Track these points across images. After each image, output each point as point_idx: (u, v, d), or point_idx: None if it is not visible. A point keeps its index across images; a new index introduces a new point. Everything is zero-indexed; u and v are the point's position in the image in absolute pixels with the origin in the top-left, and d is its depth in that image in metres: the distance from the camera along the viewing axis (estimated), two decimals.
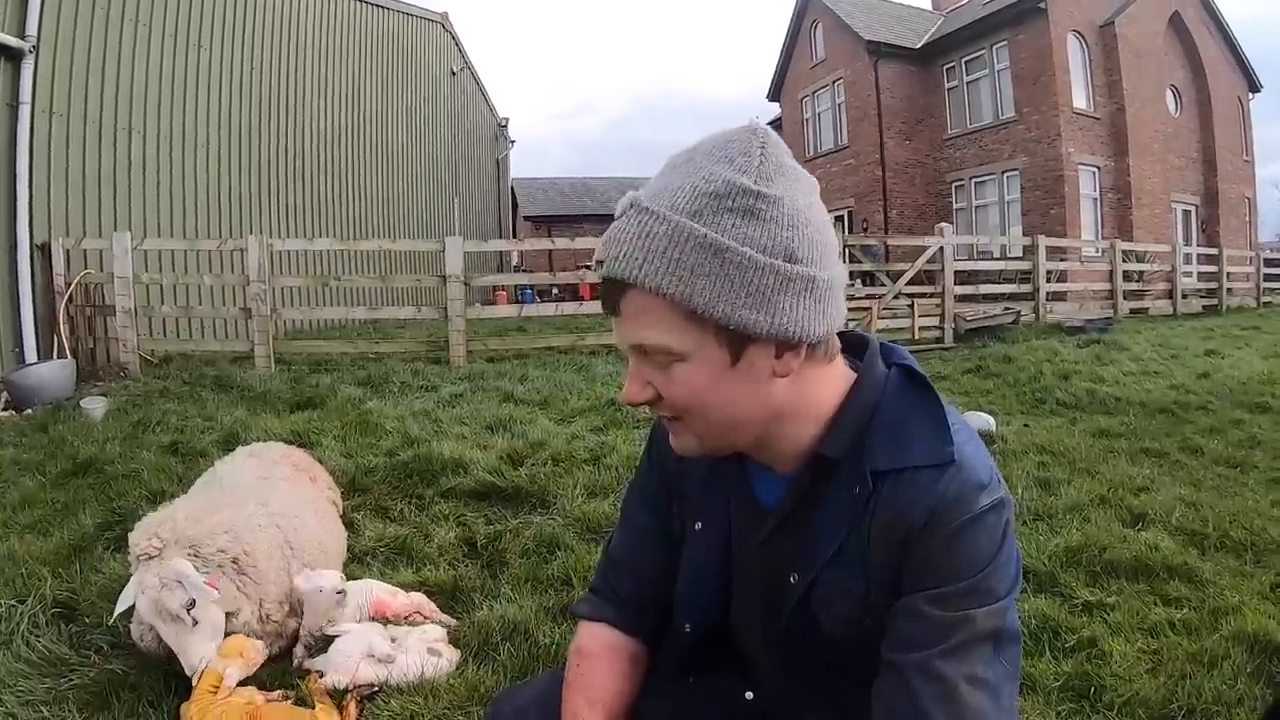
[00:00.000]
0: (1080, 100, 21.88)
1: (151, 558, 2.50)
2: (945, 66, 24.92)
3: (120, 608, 2.51)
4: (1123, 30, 22.06)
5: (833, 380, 1.11)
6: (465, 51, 24.16)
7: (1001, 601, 1.03)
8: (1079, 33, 21.94)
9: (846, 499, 1.09)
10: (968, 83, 24.27)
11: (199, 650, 2.41)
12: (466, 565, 3.59)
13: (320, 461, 4.30)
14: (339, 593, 2.77)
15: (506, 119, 28.80)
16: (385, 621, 2.90)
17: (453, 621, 3.03)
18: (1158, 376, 8.76)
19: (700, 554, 1.26)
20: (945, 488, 1.03)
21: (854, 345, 1.18)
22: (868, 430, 1.09)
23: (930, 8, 29.45)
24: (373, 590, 3.01)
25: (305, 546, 2.99)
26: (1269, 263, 22.69)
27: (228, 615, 2.55)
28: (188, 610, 2.39)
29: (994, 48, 23.13)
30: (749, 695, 1.29)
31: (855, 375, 1.13)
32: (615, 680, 1.29)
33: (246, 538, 2.70)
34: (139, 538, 2.56)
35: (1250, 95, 27.72)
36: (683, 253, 0.96)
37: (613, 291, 1.01)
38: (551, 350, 9.99)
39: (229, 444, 4.89)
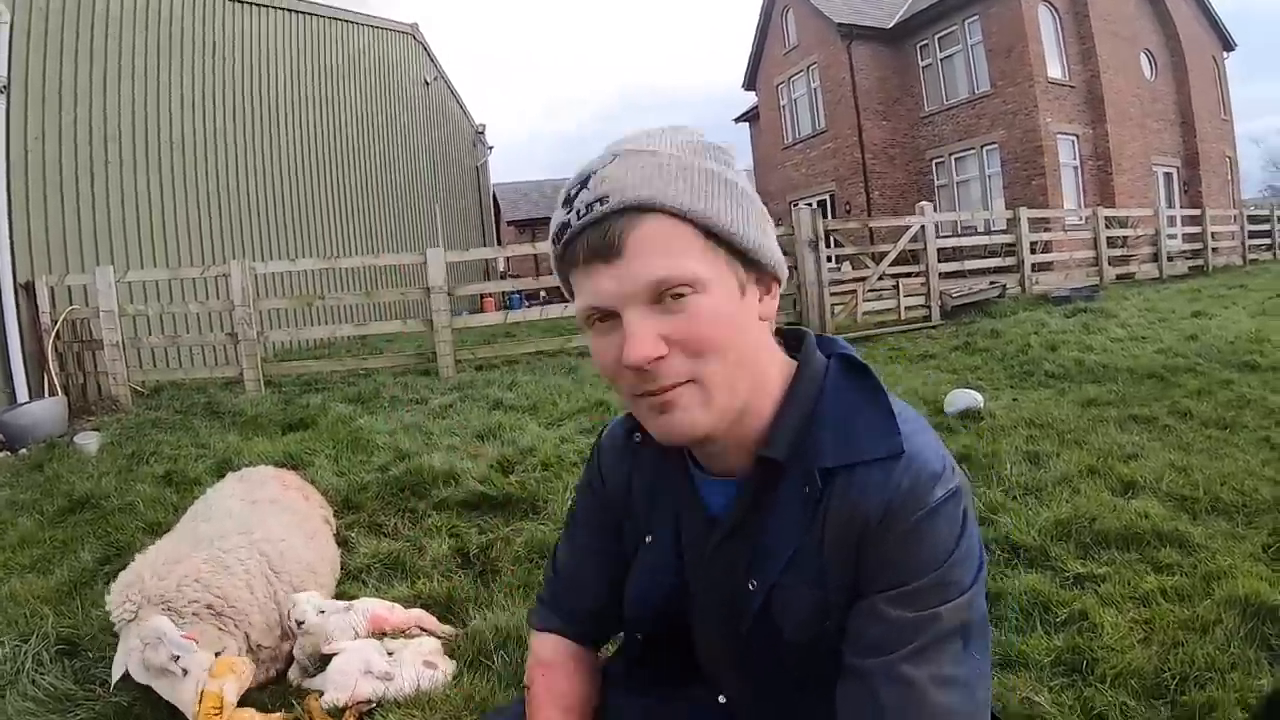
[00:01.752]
0: (1055, 70, 21.90)
1: (129, 621, 2.54)
2: (918, 44, 24.90)
3: (116, 675, 2.53)
4: None
5: (776, 363, 1.11)
6: (437, 61, 24.15)
7: (967, 593, 1.00)
8: (1049, 2, 21.95)
9: (797, 500, 1.06)
10: (941, 59, 24.27)
11: (196, 699, 2.44)
12: (460, 576, 3.60)
13: (312, 483, 4.31)
14: (298, 623, 2.77)
15: (483, 125, 28.76)
16: (382, 636, 2.92)
17: (455, 632, 3.06)
18: (1145, 341, 8.79)
19: (652, 567, 1.24)
20: (899, 481, 1.00)
21: (791, 340, 1.18)
22: (811, 426, 1.07)
23: None
24: (370, 609, 3.03)
25: (292, 570, 3.02)
26: (1253, 220, 22.71)
27: (216, 655, 2.59)
28: (175, 661, 2.43)
29: (966, 22, 23.12)
30: (721, 699, 1.27)
31: (794, 366, 1.12)
32: (581, 686, 1.31)
33: (216, 582, 2.73)
34: (115, 602, 2.61)
35: (1225, 54, 27.81)
36: (697, 178, 0.98)
37: (620, 226, 0.96)
38: (540, 354, 9.98)
39: (223, 470, 4.89)
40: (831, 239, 13.11)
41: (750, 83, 30.62)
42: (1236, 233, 21.20)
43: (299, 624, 2.76)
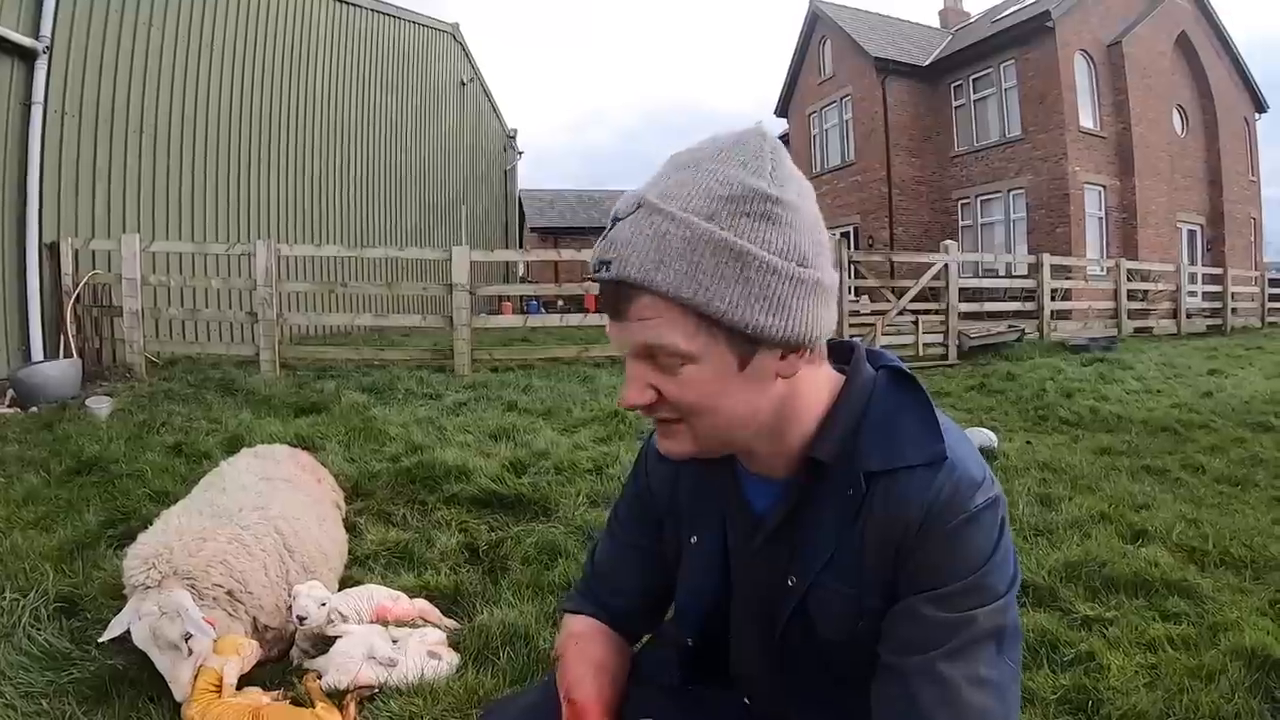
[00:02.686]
0: (1087, 119, 21.91)
1: (149, 587, 2.53)
2: (953, 84, 24.97)
3: (112, 633, 2.51)
4: (1130, 50, 22.10)
5: (821, 383, 1.11)
6: (475, 63, 24.25)
7: (1002, 599, 1.02)
8: (1086, 52, 21.99)
9: (840, 501, 1.08)
10: (975, 101, 24.32)
11: (191, 679, 2.43)
12: (468, 571, 3.59)
13: (324, 465, 4.32)
14: (299, 618, 2.75)
15: (515, 130, 28.82)
16: (386, 624, 2.91)
17: (457, 626, 3.05)
18: (1160, 395, 8.76)
19: (698, 567, 1.26)
20: (940, 487, 1.03)
21: (840, 351, 1.18)
22: (858, 432, 1.08)
23: (938, 25, 29.53)
24: (374, 596, 3.02)
25: (305, 550, 3.02)
26: (1274, 283, 22.71)
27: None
28: (186, 640, 2.41)
29: (1001, 66, 23.18)
30: (746, 701, 1.29)
31: (843, 379, 1.13)
32: (613, 653, 1.32)
33: (239, 566, 2.72)
34: (135, 567, 2.59)
35: (1257, 116, 27.77)
36: (701, 257, 0.93)
37: (619, 294, 0.98)
38: (556, 361, 10.01)
39: (233, 446, 4.91)
40: (854, 269, 13.10)
41: (782, 110, 30.71)
42: (1257, 294, 21.24)
43: (300, 619, 2.74)
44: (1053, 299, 14.49)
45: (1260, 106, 27.76)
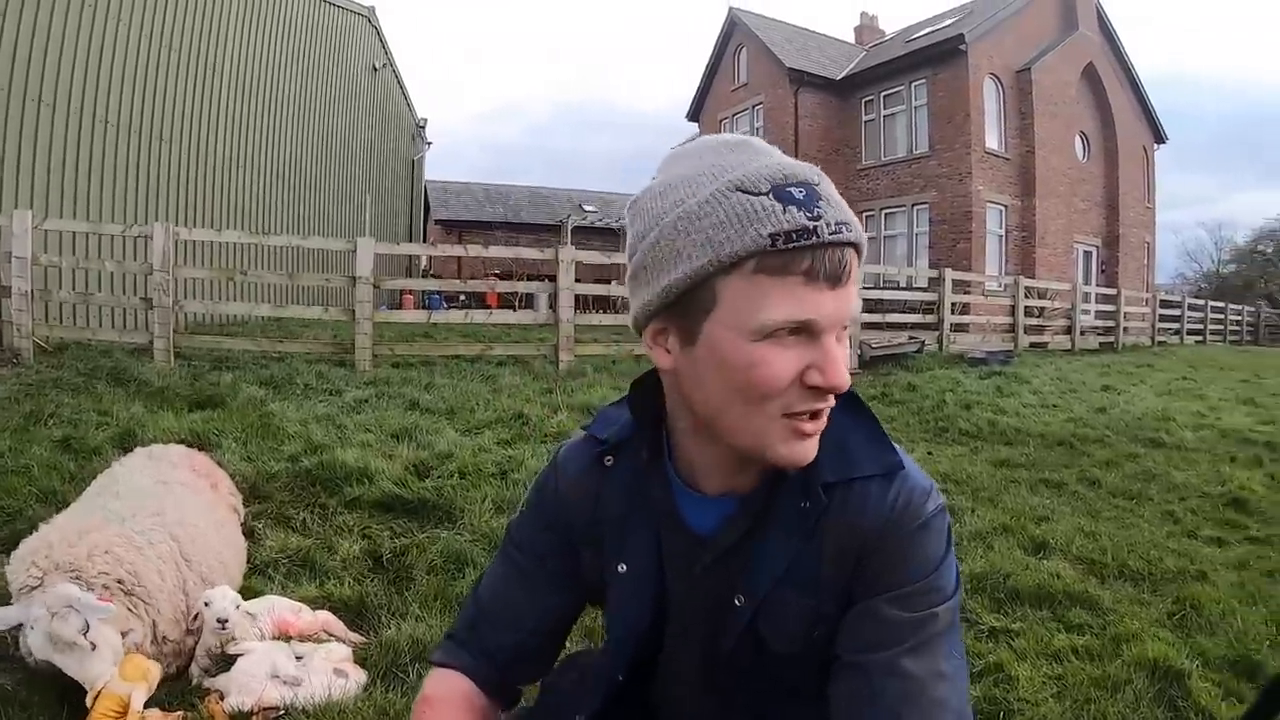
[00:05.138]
0: (992, 141, 22.63)
1: (33, 589, 2.35)
2: (864, 99, 25.47)
3: (2, 624, 2.33)
4: (1038, 77, 22.90)
5: None
6: (389, 48, 23.83)
7: (953, 598, 1.06)
8: (996, 76, 22.68)
9: (793, 515, 1.09)
10: (885, 116, 24.85)
11: (103, 673, 2.27)
12: (372, 580, 3.49)
13: (221, 465, 4.14)
14: (220, 621, 2.61)
15: (425, 120, 28.35)
16: (288, 639, 2.78)
17: (363, 640, 2.94)
18: (1056, 410, 9.06)
19: (629, 596, 1.20)
20: (895, 496, 1.07)
21: None
22: None
23: (853, 41, 30.12)
24: (275, 608, 2.90)
25: (203, 559, 2.86)
26: (1164, 304, 23.77)
27: (121, 635, 2.40)
28: (84, 634, 2.24)
29: (913, 84, 23.74)
30: None
31: None
32: None
33: (129, 557, 2.55)
34: (16, 570, 2.42)
35: (1156, 146, 29.12)
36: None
37: (849, 258, 0.99)
38: (458, 358, 9.82)
39: (125, 442, 4.70)
40: None
41: (695, 114, 30.93)
42: (1148, 314, 22.19)
43: (221, 622, 2.58)
44: (953, 312, 14.88)
45: (1160, 137, 29.16)
